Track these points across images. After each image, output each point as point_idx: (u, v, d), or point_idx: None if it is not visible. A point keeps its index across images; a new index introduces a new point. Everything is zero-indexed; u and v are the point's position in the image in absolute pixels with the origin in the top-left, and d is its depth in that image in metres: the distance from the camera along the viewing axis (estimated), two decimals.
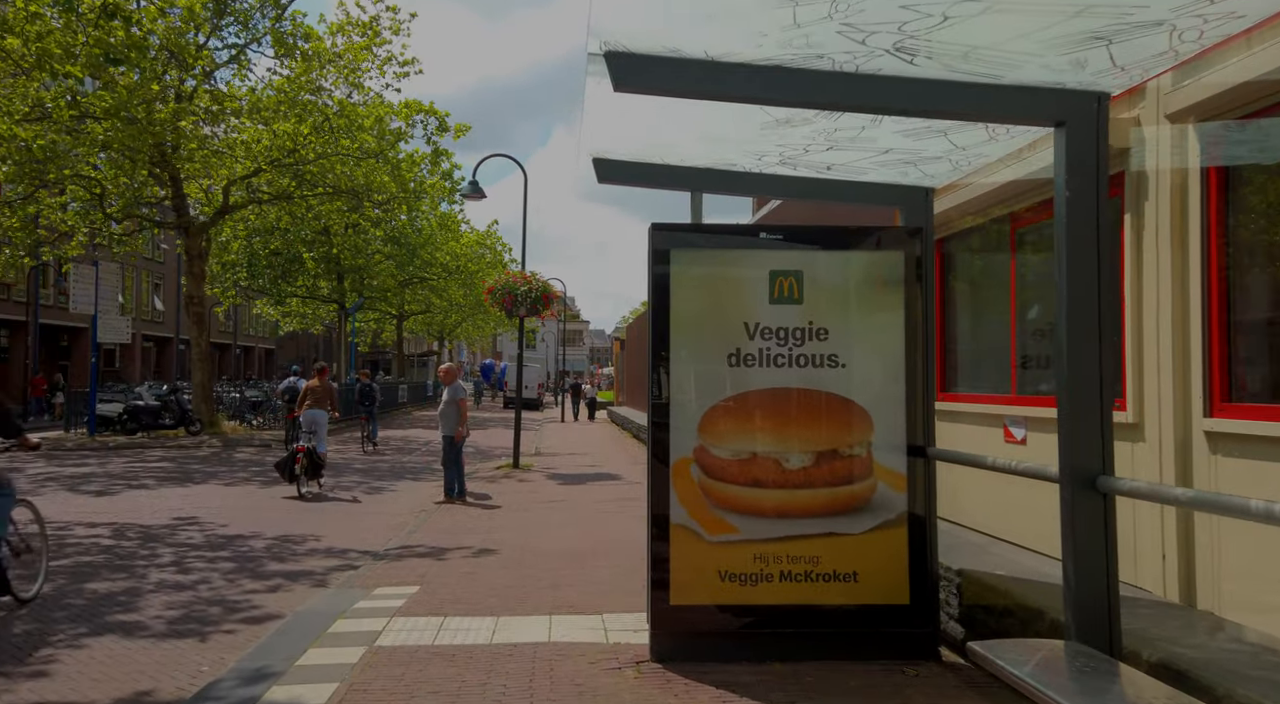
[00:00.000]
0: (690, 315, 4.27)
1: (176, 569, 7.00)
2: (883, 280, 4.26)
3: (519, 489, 11.97)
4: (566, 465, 15.32)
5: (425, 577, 6.55)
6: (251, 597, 6.17)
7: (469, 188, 15.03)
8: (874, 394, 4.24)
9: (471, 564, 7.01)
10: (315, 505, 10.56)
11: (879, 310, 4.26)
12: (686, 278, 4.27)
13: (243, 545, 8.03)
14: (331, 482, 12.87)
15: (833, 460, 4.21)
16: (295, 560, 7.48)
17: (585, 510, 10.01)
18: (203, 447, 18.38)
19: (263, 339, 53.57)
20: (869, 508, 4.20)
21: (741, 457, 4.21)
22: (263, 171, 20.27)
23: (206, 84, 19.11)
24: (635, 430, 22.05)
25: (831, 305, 4.27)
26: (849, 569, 4.17)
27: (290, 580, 6.73)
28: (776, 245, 4.26)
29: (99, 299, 19.80)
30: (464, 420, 10.53)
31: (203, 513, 9.76)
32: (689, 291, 4.28)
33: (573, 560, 7.16)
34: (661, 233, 4.26)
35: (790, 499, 4.20)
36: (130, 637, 5.22)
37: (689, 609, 4.17)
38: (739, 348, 4.25)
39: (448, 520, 9.32)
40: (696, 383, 4.26)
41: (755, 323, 4.25)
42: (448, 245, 34.38)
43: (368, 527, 9.23)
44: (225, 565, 7.19)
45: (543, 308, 14.97)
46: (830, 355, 4.24)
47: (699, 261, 4.29)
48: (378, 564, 7.06)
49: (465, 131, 21.64)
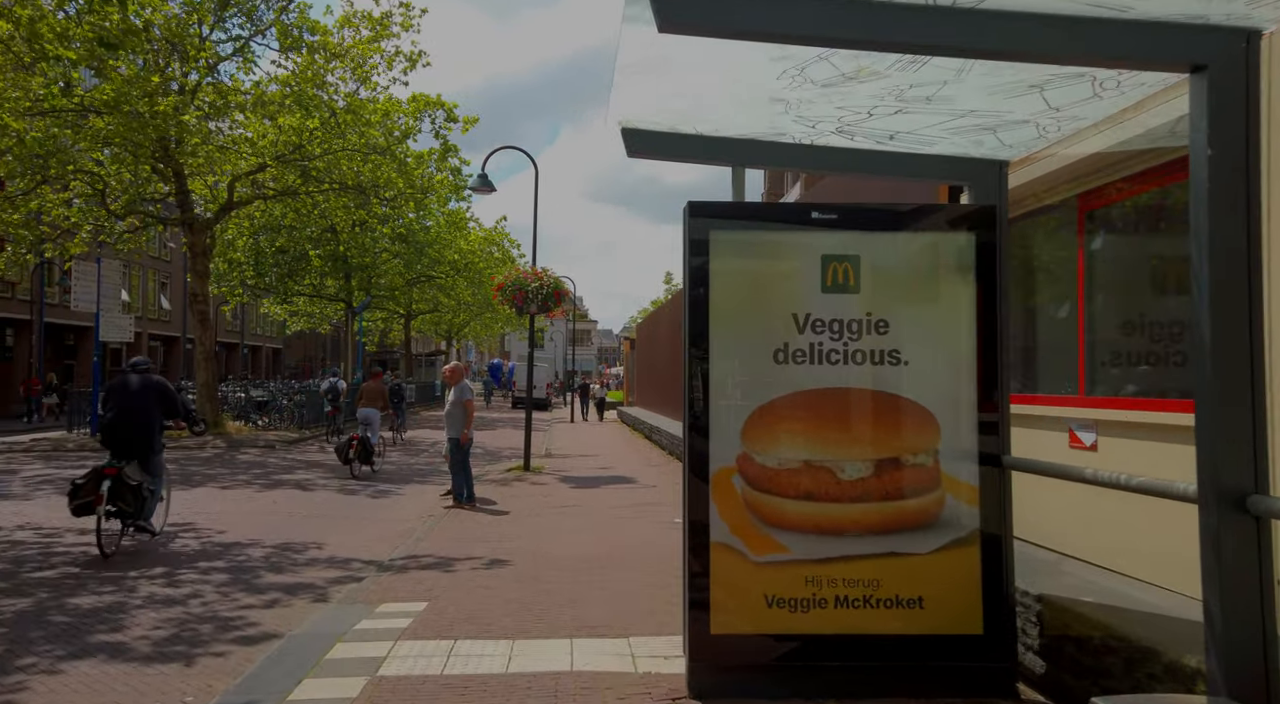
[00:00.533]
0: (732, 306, 3.78)
1: (168, 581, 6.55)
2: (951, 266, 3.76)
3: (530, 493, 11.50)
4: (578, 468, 14.84)
5: (433, 591, 6.08)
6: (246, 613, 5.71)
7: (478, 180, 14.56)
8: (941, 395, 3.74)
9: (483, 576, 6.53)
10: (317, 510, 10.11)
11: (946, 300, 3.76)
12: (727, 264, 3.78)
13: (240, 554, 7.57)
14: (337, 483, 12.43)
15: (894, 470, 3.71)
16: (294, 571, 7.02)
17: (601, 516, 9.53)
18: (206, 448, 17.97)
19: (270, 338, 53.30)
20: (936, 524, 3.70)
21: (791, 466, 3.72)
22: (268, 167, 19.88)
23: (210, 78, 18.70)
24: (647, 431, 21.57)
25: (892, 294, 3.77)
26: (914, 594, 3.67)
27: (288, 594, 6.27)
28: (830, 227, 3.76)
29: (101, 297, 19.42)
30: (469, 422, 10.08)
31: (200, 518, 9.31)
32: (730, 279, 3.79)
33: (591, 572, 6.67)
34: (699, 213, 3.77)
35: (846, 514, 3.70)
36: (112, 660, 4.76)
37: (732, 639, 3.68)
38: (787, 343, 3.76)
39: (456, 527, 8.85)
40: (739, 383, 3.77)
41: (805, 315, 3.76)
42: (455, 243, 33.96)
43: (372, 533, 8.77)
44: (220, 577, 6.73)
45: (554, 305, 14.50)
46: (891, 351, 3.74)
47: (742, 245, 3.80)
48: (382, 576, 6.59)
49: (474, 123, 21.20)
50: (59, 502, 10.31)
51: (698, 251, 3.75)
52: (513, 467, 14.61)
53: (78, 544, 7.80)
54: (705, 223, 3.76)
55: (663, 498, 11.06)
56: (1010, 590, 3.68)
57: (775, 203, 5.81)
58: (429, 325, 46.40)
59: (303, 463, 15.45)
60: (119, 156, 18.59)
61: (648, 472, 14.24)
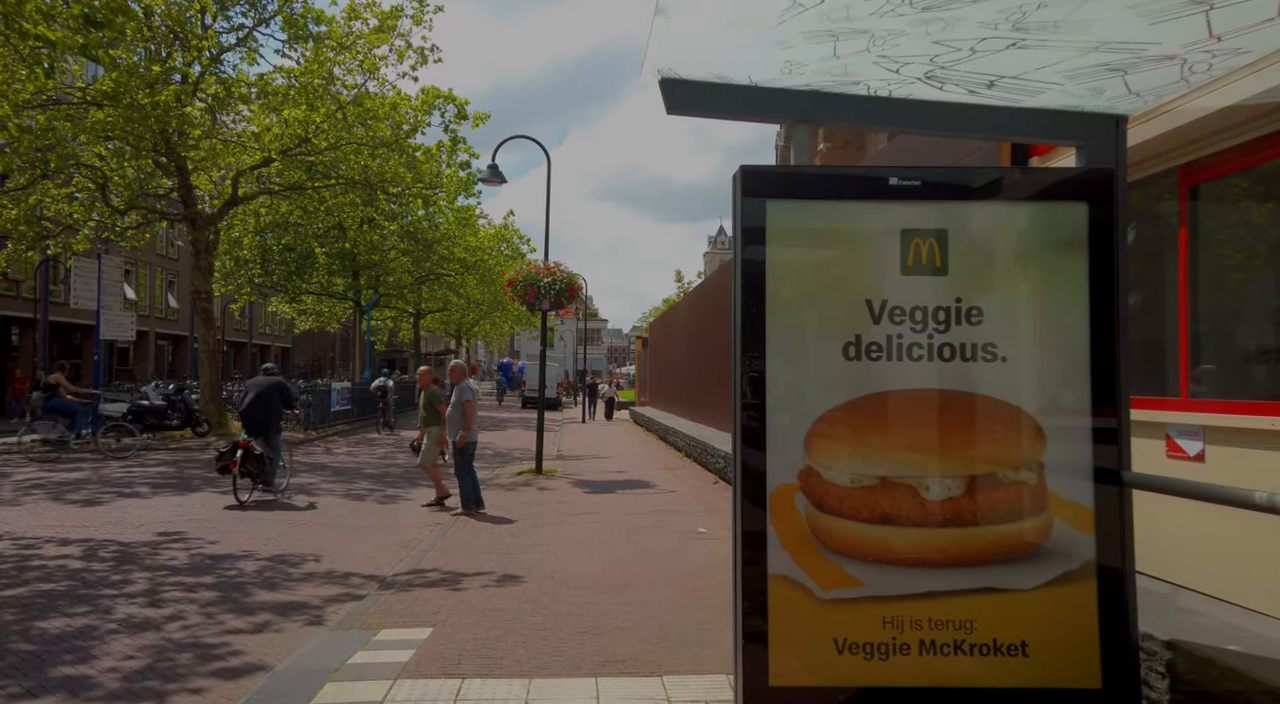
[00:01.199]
0: (793, 292, 3.15)
1: (148, 601, 5.96)
2: (1058, 242, 3.12)
3: (543, 499, 10.89)
4: (592, 471, 14.23)
5: (439, 614, 5.47)
6: (231, 640, 5.11)
7: (488, 171, 13.97)
8: (1047, 397, 3.10)
9: (493, 597, 5.92)
10: (318, 517, 9.53)
11: (1052, 283, 3.12)
12: (788, 240, 3.15)
13: (230, 568, 6.99)
14: (341, 488, 11.87)
15: (991, 488, 3.08)
16: (288, 588, 6.43)
17: (620, 525, 8.91)
18: (209, 449, 17.44)
19: (278, 338, 52.94)
20: (1043, 554, 3.06)
21: (865, 483, 3.09)
22: (273, 161, 19.35)
23: (213, 70, 18.17)
24: (662, 432, 20.95)
25: (986, 276, 3.13)
26: (1015, 638, 3.03)
27: (280, 616, 5.68)
28: (911, 195, 3.12)
29: (102, 294, 18.93)
30: (468, 423, 9.51)
31: (192, 527, 8.74)
32: (791, 259, 3.16)
33: (613, 591, 6.05)
34: (755, 179, 3.14)
35: (933, 541, 3.07)
36: (73, 698, 4.17)
37: (794, 691, 3.05)
38: (859, 335, 3.13)
39: (465, 537, 8.26)
40: (802, 383, 3.14)
41: (882, 301, 3.12)
42: (465, 239, 33.41)
43: (375, 543, 8.19)
44: (206, 595, 6.15)
45: (567, 301, 13.89)
46: (985, 345, 3.11)
47: (805, 218, 3.16)
48: (383, 595, 5.99)
49: (485, 119, 20.64)
50: (46, 508, 9.78)
51: (752, 226, 3.12)
52: (523, 469, 14.02)
53: (56, 557, 7.24)
54: (762, 187, 3.13)
55: (683, 504, 10.44)
56: (1134, 635, 3.04)
57: (845, 167, 5.07)
58: (438, 324, 45.89)
59: (306, 465, 14.91)
60: (120, 150, 18.11)
61: (665, 475, 13.61)
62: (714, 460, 13.13)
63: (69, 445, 16.15)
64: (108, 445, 16.78)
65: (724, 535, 8.33)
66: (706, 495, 11.21)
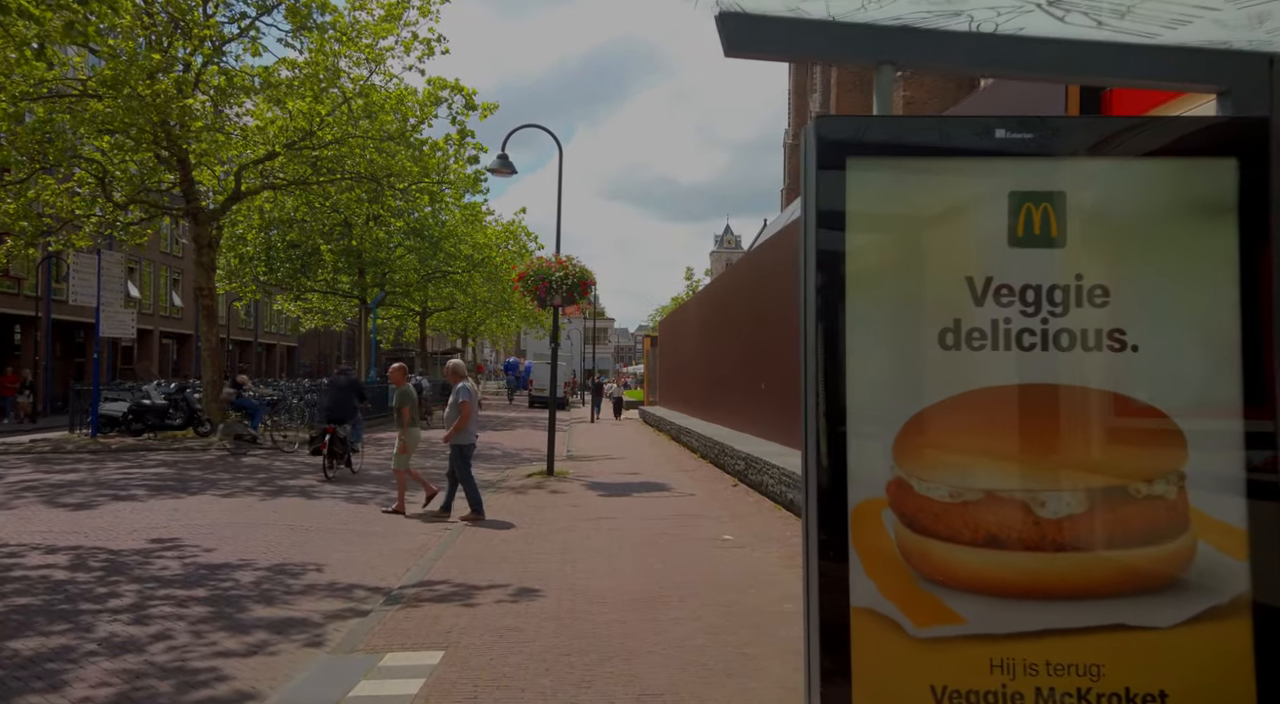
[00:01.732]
0: (878, 267, 2.63)
1: (134, 617, 5.47)
2: (1203, 206, 2.59)
3: (556, 502, 10.39)
4: (605, 472, 13.72)
5: (450, 634, 4.96)
6: (220, 664, 4.62)
7: (497, 161, 13.46)
8: (1188, 394, 2.58)
9: (510, 613, 5.41)
10: (322, 522, 9.04)
11: (1195, 256, 2.59)
12: (872, 205, 2.62)
13: (226, 579, 6.50)
14: (344, 490, 11.38)
15: (1120, 504, 2.55)
16: (287, 602, 5.93)
17: (639, 531, 8.39)
18: (210, 449, 17.02)
19: (284, 337, 52.59)
20: (1184, 584, 2.53)
21: (967, 497, 2.56)
22: (277, 156, 18.89)
23: (215, 60, 17.71)
24: (675, 433, 20.43)
25: (1113, 248, 2.61)
26: (1152, 687, 2.51)
27: (276, 634, 5.18)
28: (1022, 150, 2.60)
29: (102, 291, 18.50)
30: (462, 424, 9.04)
31: (188, 533, 8.26)
32: (876, 228, 2.64)
33: (640, 608, 5.53)
34: (833, 132, 2.62)
35: (1050, 568, 2.54)
36: None
37: None
38: (959, 319, 2.60)
39: (476, 544, 7.76)
40: (889, 378, 2.62)
41: (986, 279, 2.60)
42: (472, 237, 32.94)
43: (381, 550, 7.69)
44: (198, 610, 5.65)
45: (579, 297, 13.38)
46: (1112, 331, 2.58)
47: (893, 178, 2.64)
48: (389, 611, 5.49)
49: (493, 110, 20.10)
50: (37, 512, 9.32)
51: (828, 190, 2.60)
52: (534, 471, 13.51)
53: (40, 567, 6.76)
54: (842, 140, 2.61)
55: (704, 508, 9.92)
56: None
57: (942, 117, 4.15)
58: (444, 323, 45.46)
59: (310, 467, 14.42)
60: (120, 143, 17.67)
61: (681, 477, 13.10)
62: (733, 462, 12.60)
63: (257, 441, 17.87)
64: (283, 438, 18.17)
65: (751, 543, 7.80)
66: (728, 499, 10.69)
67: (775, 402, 13.24)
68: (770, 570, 6.69)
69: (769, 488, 10.29)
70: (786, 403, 12.55)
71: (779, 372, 12.94)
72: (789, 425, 12.34)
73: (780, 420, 12.84)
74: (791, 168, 62.64)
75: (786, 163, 63.60)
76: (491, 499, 10.54)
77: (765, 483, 10.50)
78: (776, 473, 9.93)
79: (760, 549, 7.52)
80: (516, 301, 39.06)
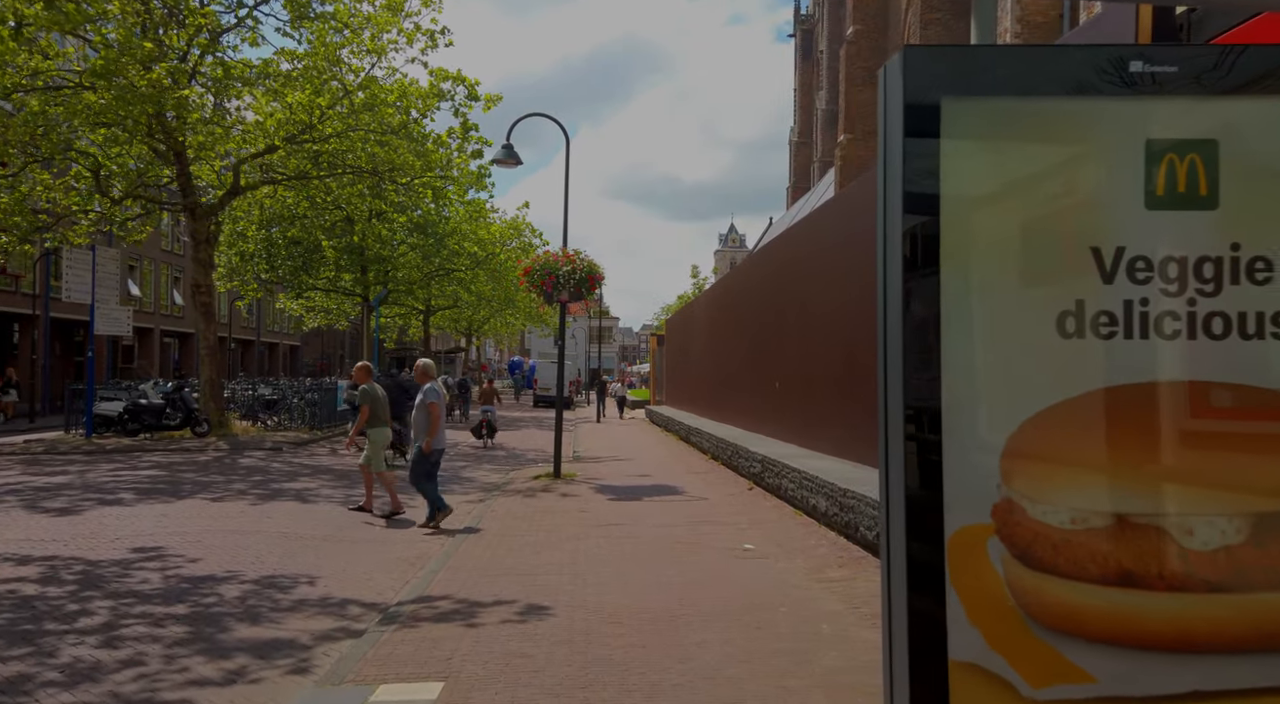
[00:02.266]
0: (980, 236, 2.12)
1: (103, 639, 4.98)
2: None
3: (564, 507, 9.88)
4: (614, 474, 13.21)
5: (451, 659, 4.46)
6: (192, 695, 4.12)
7: (502, 152, 12.96)
8: None
9: (517, 636, 4.90)
10: (317, 528, 8.54)
11: None
12: (973, 158, 2.11)
13: (209, 594, 6.00)
14: (342, 494, 10.89)
15: None
16: (274, 620, 5.43)
17: (652, 540, 7.88)
18: (207, 450, 16.55)
19: (287, 335, 52.19)
20: None
21: (1094, 524, 2.04)
22: (276, 149, 18.41)
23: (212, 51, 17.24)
24: (684, 433, 19.91)
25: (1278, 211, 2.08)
26: None
27: (259, 659, 4.69)
28: (1160, 88, 2.08)
29: (97, 287, 18.04)
30: (434, 429, 8.57)
31: (174, 541, 7.77)
32: (977, 185, 2.12)
33: (660, 630, 5.02)
34: (924, 66, 2.10)
35: (1200, 612, 2.02)
36: None
37: None
38: (1082, 301, 2.08)
39: (480, 552, 7.25)
40: (995, 374, 2.10)
41: (1117, 250, 2.08)
42: (476, 233, 32.46)
43: (378, 561, 7.20)
44: (175, 630, 5.16)
45: (587, 292, 12.88)
46: (1278, 315, 2.05)
47: (1000, 124, 2.12)
48: (385, 632, 4.99)
49: (497, 102, 19.63)
50: (16, 518, 8.85)
51: (917, 139, 2.08)
52: (540, 473, 13.01)
53: (8, 581, 6.26)
54: (936, 76, 2.09)
55: (720, 514, 9.41)
56: None
57: (1059, 45, 3.24)
58: (448, 321, 45.00)
59: (309, 468, 13.96)
60: (115, 136, 17.21)
61: (693, 480, 12.58)
62: (747, 464, 12.08)
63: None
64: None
65: (774, 553, 7.29)
66: (744, 504, 10.17)
67: (791, 401, 12.71)
68: (799, 584, 6.17)
69: (788, 492, 9.76)
70: (804, 402, 12.02)
71: (795, 370, 12.41)
72: (806, 426, 11.81)
73: (796, 421, 12.31)
74: (797, 166, 62.04)
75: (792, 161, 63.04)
76: (497, 503, 10.05)
77: (784, 487, 9.98)
78: (797, 476, 9.41)
79: (785, 560, 7.00)
80: (521, 300, 38.60)
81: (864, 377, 9.54)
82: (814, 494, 8.66)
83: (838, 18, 50.70)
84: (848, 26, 39.59)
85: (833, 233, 11.16)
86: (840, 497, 7.77)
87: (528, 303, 39.42)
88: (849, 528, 7.53)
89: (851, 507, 7.46)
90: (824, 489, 8.29)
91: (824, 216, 12.31)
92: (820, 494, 8.42)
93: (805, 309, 11.99)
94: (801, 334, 12.13)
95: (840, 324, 10.37)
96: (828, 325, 10.87)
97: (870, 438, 9.46)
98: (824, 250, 11.30)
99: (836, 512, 7.88)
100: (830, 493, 8.09)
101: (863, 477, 8.27)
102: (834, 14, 52.26)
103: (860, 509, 7.24)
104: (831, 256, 10.90)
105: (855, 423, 9.89)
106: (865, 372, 9.48)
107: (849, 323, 10.02)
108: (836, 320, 10.50)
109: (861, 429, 9.63)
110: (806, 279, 12.04)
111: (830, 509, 8.08)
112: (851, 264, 10.05)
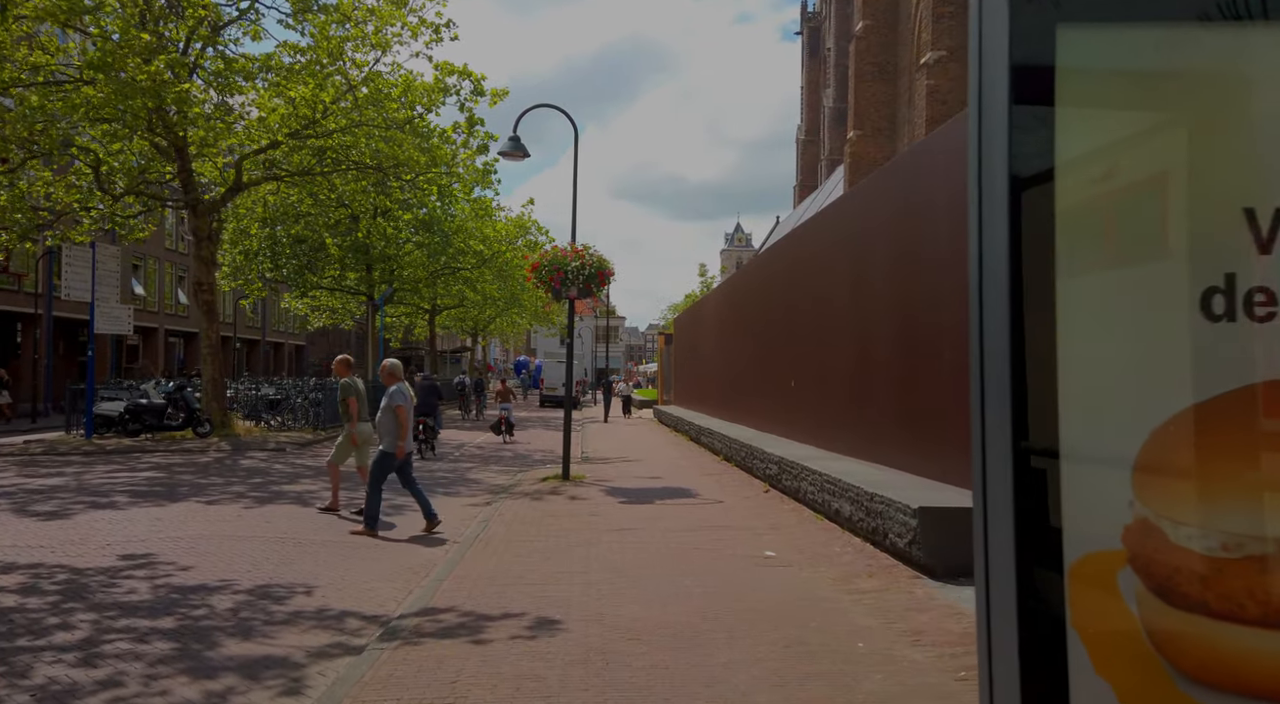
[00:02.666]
0: (1104, 198, 1.73)
1: (82, 655, 4.61)
2: None
3: (574, 511, 9.50)
4: (623, 476, 12.83)
5: (456, 685, 4.08)
6: None
7: (509, 145, 12.58)
8: None
9: (528, 654, 4.52)
10: (316, 533, 8.18)
11: None
12: (1096, 100, 1.72)
13: (199, 606, 5.64)
14: (344, 496, 10.52)
15: None
16: (266, 635, 5.06)
17: (667, 546, 7.50)
18: (209, 450, 16.23)
19: (292, 335, 51.99)
20: None
21: (1250, 550, 1.65)
22: (279, 144, 18.08)
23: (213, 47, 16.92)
24: (694, 433, 19.51)
25: None
26: None
27: (248, 679, 4.32)
28: None
29: (96, 285, 17.73)
30: (404, 433, 8.24)
31: (166, 547, 7.41)
32: (1102, 135, 1.73)
33: (681, 647, 4.63)
34: None
35: None
36: None
37: None
38: (1232, 274, 1.68)
39: (488, 560, 6.88)
40: (1124, 366, 1.71)
41: (1275, 209, 1.68)
42: (482, 231, 32.12)
43: (380, 567, 6.83)
44: (159, 646, 4.79)
45: (597, 288, 12.48)
46: None
47: (1130, 58, 1.73)
48: (385, 650, 4.61)
49: (503, 96, 19.26)
50: (4, 523, 8.50)
51: (1025, 75, 1.69)
52: (549, 475, 12.64)
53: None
54: (1044, 10, 1.70)
55: (736, 518, 9.02)
56: None
57: None
58: (454, 321, 44.68)
59: (311, 469, 13.60)
60: (115, 132, 16.91)
61: (706, 482, 12.19)
62: (763, 466, 11.68)
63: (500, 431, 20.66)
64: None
65: (798, 560, 6.89)
66: (761, 507, 9.78)
67: (807, 401, 12.31)
68: (827, 596, 5.78)
69: (808, 495, 9.36)
70: (821, 402, 11.62)
71: (812, 368, 12.00)
72: (821, 427, 11.42)
73: (812, 421, 11.91)
74: (804, 164, 61.61)
75: (799, 159, 62.61)
76: (504, 506, 9.68)
77: (803, 489, 9.58)
78: (817, 479, 9.00)
79: (809, 568, 6.61)
80: (527, 298, 38.25)
81: (884, 376, 9.14)
82: (837, 498, 8.26)
83: (845, 14, 50.30)
84: (856, 22, 39.17)
85: (838, 226, 10.76)
86: (867, 502, 7.37)
87: (534, 302, 39.09)
88: (876, 534, 7.13)
89: (880, 512, 7.05)
90: (848, 493, 7.88)
91: (839, 212, 11.91)
92: (844, 498, 8.02)
93: (821, 307, 11.59)
94: (818, 332, 11.73)
95: (860, 322, 9.97)
96: (846, 324, 10.47)
97: (892, 438, 9.06)
98: (837, 242, 10.89)
99: (863, 517, 7.48)
100: (856, 497, 7.69)
101: (890, 480, 7.86)
102: (842, 10, 51.86)
103: (890, 515, 6.84)
104: (847, 250, 10.50)
105: (875, 422, 9.49)
106: (885, 370, 9.08)
107: (869, 321, 9.62)
108: (856, 319, 10.10)
109: (882, 429, 9.23)
110: (821, 274, 11.64)
111: (856, 514, 7.68)
112: (868, 260, 9.65)
